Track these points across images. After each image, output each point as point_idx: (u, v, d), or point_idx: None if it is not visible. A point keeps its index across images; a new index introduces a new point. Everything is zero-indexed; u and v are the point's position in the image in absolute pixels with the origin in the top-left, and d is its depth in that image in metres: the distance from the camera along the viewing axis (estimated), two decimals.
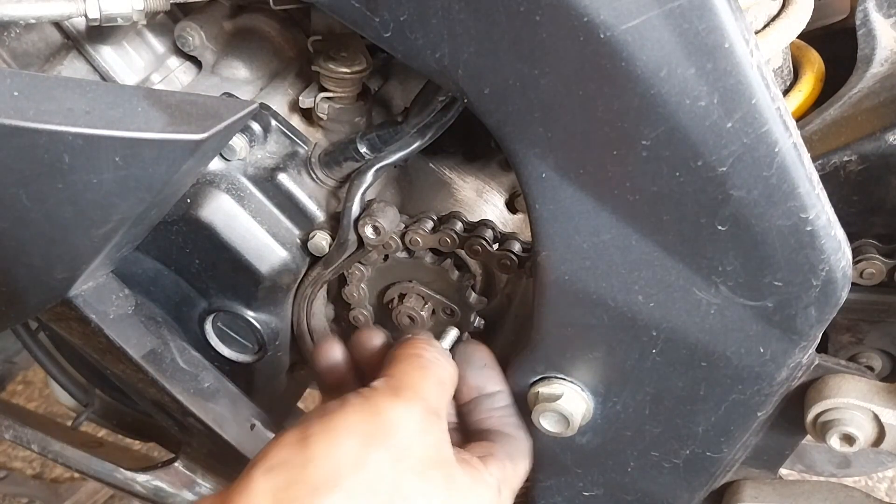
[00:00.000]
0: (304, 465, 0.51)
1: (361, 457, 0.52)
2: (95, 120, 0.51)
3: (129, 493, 0.96)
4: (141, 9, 0.61)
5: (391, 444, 0.53)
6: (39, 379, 1.91)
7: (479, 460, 0.59)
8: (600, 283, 0.56)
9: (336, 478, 0.50)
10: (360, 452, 0.52)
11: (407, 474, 0.52)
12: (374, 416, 0.54)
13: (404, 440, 0.53)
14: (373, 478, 0.51)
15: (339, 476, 0.50)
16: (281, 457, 0.52)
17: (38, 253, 0.58)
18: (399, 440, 0.53)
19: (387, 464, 0.52)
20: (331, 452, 0.51)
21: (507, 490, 0.61)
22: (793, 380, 0.60)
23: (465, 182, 0.81)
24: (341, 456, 0.51)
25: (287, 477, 0.50)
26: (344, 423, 0.53)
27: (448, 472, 0.55)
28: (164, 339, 0.74)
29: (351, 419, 0.53)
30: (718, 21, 0.45)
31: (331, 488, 0.50)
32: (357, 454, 0.52)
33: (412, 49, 0.51)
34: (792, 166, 0.49)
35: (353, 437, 0.52)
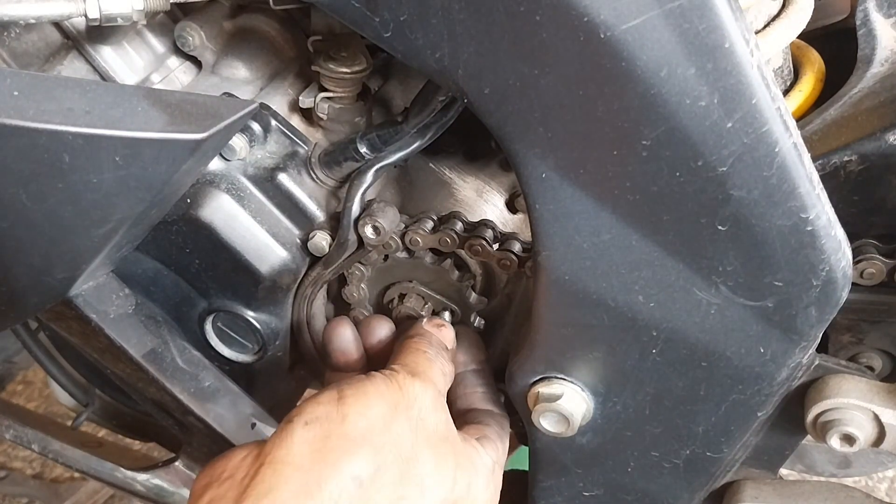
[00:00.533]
0: (341, 420, 0.57)
1: (388, 420, 0.58)
2: (95, 120, 0.51)
3: (130, 492, 0.96)
4: (141, 9, 0.61)
5: (411, 414, 0.60)
6: (39, 379, 1.91)
7: (476, 442, 0.66)
8: (600, 283, 0.56)
9: (367, 434, 0.57)
10: (388, 416, 0.59)
11: (422, 443, 0.59)
12: (398, 389, 0.61)
13: (422, 412, 0.61)
14: (396, 440, 0.58)
15: (370, 433, 0.57)
16: (318, 412, 0.57)
17: (38, 253, 0.58)
18: (417, 411, 0.61)
19: (407, 431, 0.59)
20: (364, 412, 0.58)
21: (499, 469, 0.67)
22: (793, 380, 0.60)
23: (465, 182, 0.81)
24: (373, 416, 0.58)
25: (324, 429, 0.56)
26: (375, 390, 0.60)
27: (455, 449, 0.62)
28: (164, 338, 0.74)
29: (381, 388, 0.60)
30: (718, 21, 0.45)
31: (362, 443, 0.56)
32: (385, 417, 0.58)
33: (412, 49, 0.51)
34: (792, 166, 0.49)
35: (383, 403, 0.59)
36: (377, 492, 0.55)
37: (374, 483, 0.55)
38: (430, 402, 0.62)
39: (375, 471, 0.55)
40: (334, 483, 0.53)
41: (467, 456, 0.63)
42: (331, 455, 0.55)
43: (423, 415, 0.61)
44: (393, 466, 0.57)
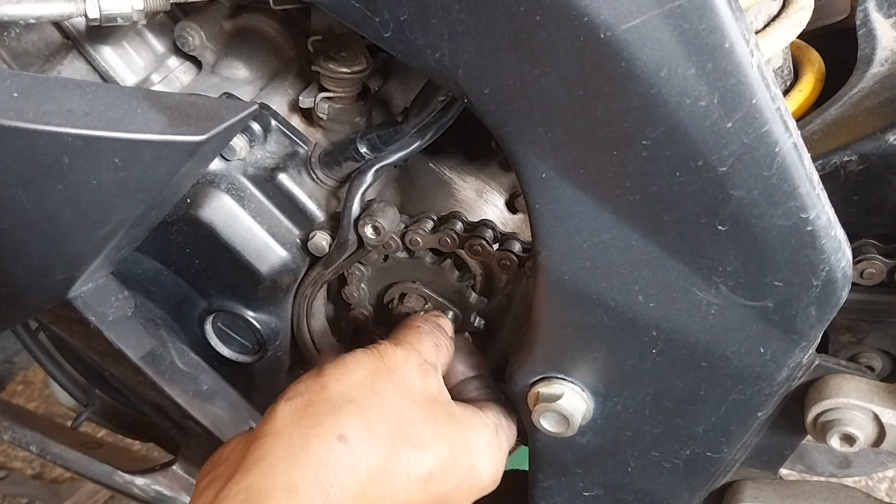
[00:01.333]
0: (321, 389, 0.58)
1: (370, 383, 0.59)
2: (95, 121, 0.51)
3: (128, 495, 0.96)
4: (141, 9, 0.61)
5: (393, 377, 0.60)
6: (39, 379, 1.91)
7: (475, 406, 0.66)
8: (600, 283, 0.56)
9: (350, 396, 0.57)
10: (369, 380, 0.59)
11: (410, 405, 0.59)
12: (379, 356, 0.61)
13: (405, 377, 0.61)
14: (381, 400, 0.58)
15: (353, 395, 0.57)
16: (299, 388, 0.59)
17: (38, 254, 0.58)
18: (401, 376, 0.61)
19: (392, 391, 0.59)
20: (344, 378, 0.59)
21: (503, 434, 0.66)
22: (793, 380, 0.60)
23: (465, 182, 0.81)
24: (353, 381, 0.59)
25: (305, 400, 0.57)
26: (353, 360, 0.61)
27: (449, 409, 0.62)
28: (164, 340, 0.74)
29: (359, 358, 0.61)
30: (718, 21, 0.45)
31: (344, 404, 0.57)
32: (366, 381, 0.59)
33: (412, 49, 0.51)
34: (792, 166, 0.49)
35: (363, 369, 0.60)
36: (367, 450, 0.55)
37: (363, 441, 0.55)
38: (415, 369, 0.62)
39: (363, 430, 0.55)
40: (319, 443, 0.54)
41: (464, 416, 0.62)
42: (313, 419, 0.55)
43: (408, 380, 0.61)
44: (381, 425, 0.56)
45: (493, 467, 0.63)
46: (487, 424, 0.64)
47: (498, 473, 0.64)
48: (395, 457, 0.56)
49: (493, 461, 0.63)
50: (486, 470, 0.62)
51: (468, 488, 0.61)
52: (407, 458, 0.57)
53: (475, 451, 0.61)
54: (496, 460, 0.64)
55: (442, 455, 0.58)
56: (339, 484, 0.53)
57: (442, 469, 0.58)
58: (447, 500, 0.60)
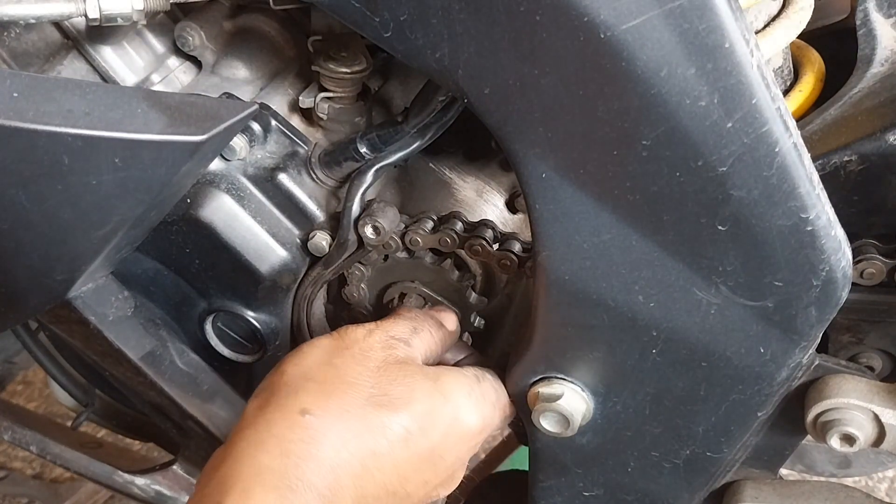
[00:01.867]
0: (280, 377, 0.59)
1: (326, 360, 0.59)
2: (95, 121, 0.51)
3: (128, 495, 0.96)
4: (141, 9, 0.61)
5: (353, 352, 0.60)
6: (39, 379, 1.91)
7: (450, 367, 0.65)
8: (600, 283, 0.56)
9: (306, 375, 0.58)
10: (325, 357, 0.60)
11: (373, 371, 0.59)
12: (337, 336, 0.62)
13: (365, 349, 0.60)
14: (340, 371, 0.58)
15: (309, 373, 0.58)
16: (262, 384, 0.60)
17: (38, 254, 0.58)
18: (360, 349, 0.60)
19: (352, 364, 0.59)
20: (300, 361, 0.60)
21: (487, 384, 0.64)
22: (793, 380, 0.60)
23: (465, 182, 0.81)
24: (309, 362, 0.60)
25: (267, 392, 0.58)
26: (309, 344, 0.62)
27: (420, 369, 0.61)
28: (164, 341, 0.74)
29: (315, 341, 0.62)
30: (718, 21, 0.45)
31: (303, 382, 0.57)
32: (322, 358, 0.60)
33: (412, 49, 0.51)
34: (792, 166, 0.49)
35: (318, 350, 0.61)
36: (334, 419, 0.55)
37: (327, 412, 0.55)
38: (378, 342, 0.61)
39: (324, 400, 0.56)
40: (283, 423, 0.54)
41: (437, 371, 0.62)
42: (274, 403, 0.56)
43: (368, 351, 0.60)
44: (345, 394, 0.56)
45: (478, 415, 0.62)
46: (465, 375, 0.63)
47: (485, 421, 0.63)
48: (366, 420, 0.56)
49: (478, 409, 0.62)
50: (471, 418, 0.61)
51: (457, 439, 0.61)
52: (379, 421, 0.56)
53: (454, 400, 0.60)
54: (481, 408, 0.62)
55: (417, 411, 0.58)
56: (310, 457, 0.53)
57: (420, 424, 0.58)
58: (435, 454, 0.59)
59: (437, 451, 0.59)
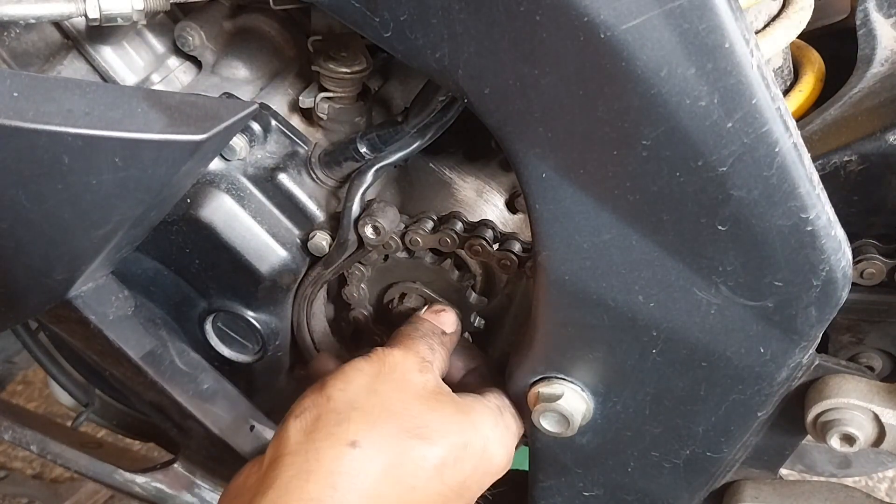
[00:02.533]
0: (325, 401, 0.59)
1: (371, 386, 0.60)
2: (95, 121, 0.51)
3: (129, 494, 0.96)
4: (141, 9, 0.61)
5: (395, 377, 0.61)
6: (39, 379, 1.91)
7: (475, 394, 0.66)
8: (600, 283, 0.56)
9: (354, 403, 0.59)
10: (370, 383, 0.60)
11: (413, 399, 0.60)
12: (378, 361, 0.63)
13: (405, 374, 0.62)
14: (384, 400, 0.59)
15: (357, 401, 0.59)
16: (305, 404, 0.60)
17: (38, 254, 0.58)
18: (401, 374, 0.62)
19: (393, 390, 0.60)
20: (346, 387, 0.60)
21: (508, 414, 0.66)
22: (793, 380, 0.60)
23: (465, 182, 0.81)
24: (355, 388, 0.60)
25: (313, 414, 0.58)
26: (353, 368, 0.62)
27: (451, 398, 0.63)
28: (164, 340, 0.74)
29: (358, 364, 0.62)
30: (718, 21, 0.45)
31: (350, 412, 0.58)
32: (367, 385, 0.60)
33: (412, 49, 0.51)
34: (792, 166, 0.49)
35: (363, 375, 0.61)
36: (377, 450, 0.56)
37: (373, 444, 0.56)
38: (414, 365, 0.63)
39: (370, 431, 0.57)
40: (331, 453, 0.55)
41: (467, 402, 0.63)
42: (322, 431, 0.57)
43: (408, 376, 0.62)
44: (387, 423, 0.57)
45: (504, 448, 0.64)
46: (490, 407, 0.64)
47: (509, 454, 0.65)
48: (406, 451, 0.57)
49: (503, 442, 0.64)
50: (498, 451, 0.63)
51: (483, 473, 0.62)
52: (418, 452, 0.57)
53: (484, 434, 0.62)
54: (505, 441, 0.64)
55: (452, 443, 0.59)
56: (355, 489, 0.54)
57: (455, 457, 0.59)
58: (464, 487, 0.60)
59: (466, 483, 0.61)
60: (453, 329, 0.71)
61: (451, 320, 0.71)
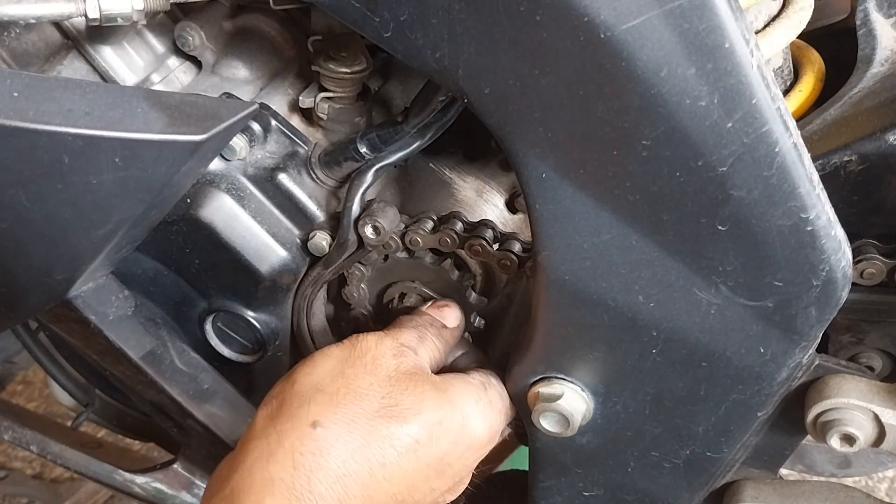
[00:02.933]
0: (290, 386, 0.59)
1: (338, 370, 0.59)
2: (95, 121, 0.51)
3: (129, 494, 0.96)
4: (141, 9, 0.61)
5: (364, 360, 0.60)
6: (39, 379, 1.91)
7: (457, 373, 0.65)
8: (600, 283, 0.56)
9: (317, 386, 0.58)
10: (337, 367, 0.60)
11: (384, 381, 0.59)
12: (349, 346, 0.62)
13: (377, 358, 0.61)
14: (351, 382, 0.58)
15: (321, 384, 0.58)
16: (272, 393, 0.60)
17: (38, 254, 0.58)
18: (372, 358, 0.61)
19: (362, 374, 0.59)
20: (312, 371, 0.60)
21: (493, 391, 0.65)
22: (793, 380, 0.60)
23: (465, 182, 0.81)
24: (321, 372, 0.59)
25: (277, 401, 0.59)
26: (321, 353, 0.62)
27: (427, 378, 0.61)
28: (164, 340, 0.74)
29: (328, 351, 0.62)
30: (718, 21, 0.45)
31: (314, 394, 0.57)
32: (334, 368, 0.60)
33: (412, 49, 0.51)
34: (792, 166, 0.49)
35: (330, 359, 0.61)
36: (343, 430, 0.55)
37: (336, 423, 0.56)
38: (388, 350, 0.61)
39: (334, 412, 0.56)
40: (293, 434, 0.55)
41: (445, 380, 0.62)
42: (285, 414, 0.57)
43: (379, 360, 0.60)
44: (353, 405, 0.57)
45: (485, 423, 0.62)
46: (472, 383, 0.64)
47: (493, 429, 0.63)
48: (375, 431, 0.56)
49: (485, 417, 0.63)
50: (479, 426, 0.62)
51: (465, 448, 0.61)
52: (388, 431, 0.57)
53: (462, 409, 0.61)
54: (488, 416, 0.63)
55: (426, 420, 0.58)
56: (319, 468, 0.54)
57: (429, 434, 0.58)
58: (444, 463, 0.60)
59: (445, 459, 0.60)
60: (455, 324, 0.71)
61: (454, 315, 0.71)
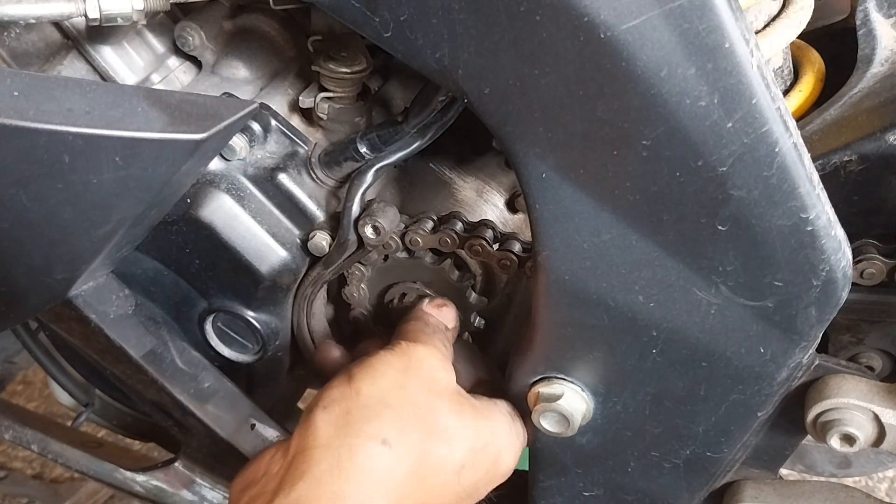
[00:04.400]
0: (355, 395, 0.59)
1: (400, 383, 0.60)
2: (95, 120, 0.51)
3: (129, 493, 0.96)
4: (141, 9, 0.61)
5: (422, 374, 0.62)
6: (39, 379, 1.91)
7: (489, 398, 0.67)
8: (600, 283, 0.56)
9: (384, 399, 0.59)
10: (399, 379, 0.61)
11: (437, 399, 0.61)
12: (405, 355, 0.63)
13: (433, 372, 0.62)
14: (412, 398, 0.60)
15: (386, 398, 0.59)
16: (333, 396, 0.60)
17: (38, 253, 0.58)
18: (428, 372, 0.62)
19: (421, 388, 0.61)
20: (375, 382, 0.60)
21: (518, 422, 0.67)
22: (793, 380, 0.60)
23: (465, 182, 0.81)
24: (385, 384, 0.60)
25: (343, 407, 0.58)
26: (381, 361, 0.62)
27: (470, 400, 0.64)
28: (164, 339, 0.74)
29: (387, 358, 0.62)
30: (718, 21, 0.45)
31: (381, 409, 0.58)
32: (397, 381, 0.60)
33: (412, 49, 0.51)
34: (792, 166, 0.49)
35: (392, 370, 0.61)
36: (406, 450, 0.57)
37: (401, 442, 0.57)
38: (439, 363, 0.63)
39: (399, 430, 0.57)
40: (363, 451, 0.55)
41: (484, 406, 0.64)
42: (354, 427, 0.57)
43: (434, 374, 0.62)
44: (415, 423, 0.58)
45: (513, 455, 0.65)
46: (504, 413, 0.66)
47: (516, 460, 0.66)
48: (430, 452, 0.58)
49: (513, 449, 0.65)
50: (508, 458, 0.64)
51: (493, 476, 0.63)
52: (440, 454, 0.58)
53: (499, 438, 0.63)
54: (515, 448, 0.65)
55: (471, 447, 0.60)
56: (383, 488, 0.55)
57: (473, 460, 0.60)
58: (476, 489, 0.62)
59: (478, 485, 0.62)
60: (454, 324, 0.72)
61: (452, 315, 0.72)
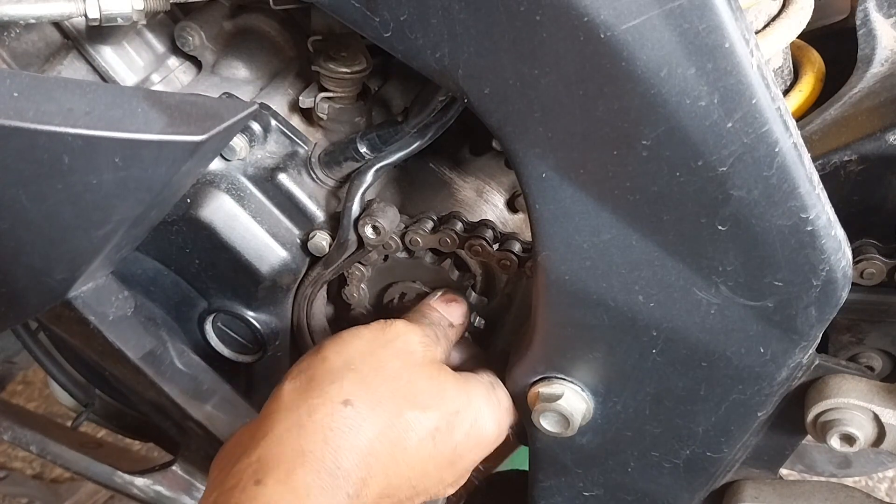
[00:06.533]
0: (321, 362, 0.60)
1: (369, 351, 0.61)
2: (95, 121, 0.51)
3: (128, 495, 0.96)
4: (141, 9, 0.61)
5: (395, 345, 0.62)
6: (39, 379, 1.91)
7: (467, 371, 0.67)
8: (600, 283, 0.56)
9: (349, 364, 0.59)
10: (368, 348, 0.61)
11: (411, 367, 0.61)
12: (380, 328, 0.63)
13: (408, 345, 0.63)
14: (380, 364, 0.60)
15: (352, 363, 0.59)
16: (301, 366, 0.61)
17: (38, 254, 0.58)
18: (403, 344, 0.62)
19: (391, 357, 0.61)
20: (342, 349, 0.61)
21: (500, 390, 0.67)
22: (793, 380, 0.60)
23: (465, 182, 0.81)
24: (352, 351, 0.61)
25: (307, 376, 0.59)
26: (351, 333, 0.63)
27: (446, 369, 0.64)
28: (163, 340, 0.74)
29: (359, 331, 0.63)
30: (718, 21, 0.45)
31: (345, 372, 0.58)
32: (365, 349, 0.61)
33: (412, 49, 0.51)
34: (792, 166, 0.49)
35: (362, 339, 0.62)
36: (371, 411, 0.57)
37: (366, 404, 0.57)
38: (416, 338, 0.63)
39: (365, 393, 0.57)
40: (323, 409, 0.56)
41: (461, 375, 0.64)
42: (316, 390, 0.58)
43: (409, 346, 0.63)
44: (382, 387, 0.58)
45: (494, 420, 0.65)
46: (482, 381, 0.66)
47: (501, 427, 0.66)
48: (400, 416, 0.58)
49: (494, 414, 0.65)
50: (489, 423, 0.64)
51: (475, 442, 0.63)
52: (412, 417, 0.59)
53: (475, 405, 0.63)
54: (497, 414, 0.65)
55: (445, 410, 0.61)
56: (348, 445, 0.55)
57: (447, 424, 0.60)
58: (456, 455, 0.62)
59: (457, 450, 0.62)
60: (461, 322, 0.71)
61: (461, 312, 0.72)
